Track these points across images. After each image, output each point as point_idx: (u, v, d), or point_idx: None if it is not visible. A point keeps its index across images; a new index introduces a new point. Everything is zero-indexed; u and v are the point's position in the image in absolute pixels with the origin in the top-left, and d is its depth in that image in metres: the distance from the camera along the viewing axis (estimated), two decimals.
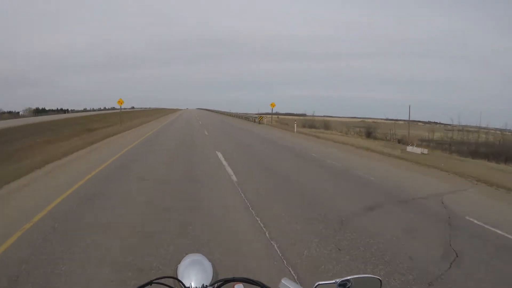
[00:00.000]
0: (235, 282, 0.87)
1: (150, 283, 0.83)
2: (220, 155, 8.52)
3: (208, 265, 0.93)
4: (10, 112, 58.04)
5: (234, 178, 5.98)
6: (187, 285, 0.83)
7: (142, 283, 0.82)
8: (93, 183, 5.50)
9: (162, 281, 0.84)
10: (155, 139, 13.34)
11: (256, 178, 6.20)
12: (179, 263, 0.95)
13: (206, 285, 0.84)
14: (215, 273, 0.92)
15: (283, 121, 32.52)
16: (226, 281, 0.86)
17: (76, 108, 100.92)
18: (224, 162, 7.52)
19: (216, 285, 0.86)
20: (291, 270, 2.61)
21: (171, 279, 0.87)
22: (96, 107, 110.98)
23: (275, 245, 3.07)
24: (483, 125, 21.07)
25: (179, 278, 0.87)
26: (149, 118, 37.53)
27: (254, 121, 29.73)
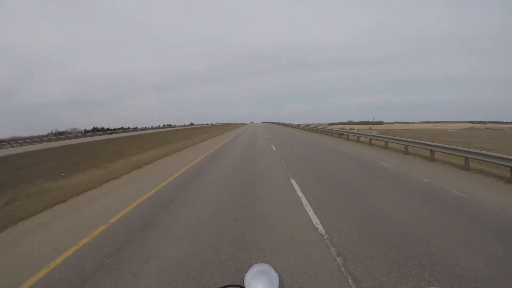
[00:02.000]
0: None
1: None
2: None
3: (274, 276, 0.91)
4: (61, 133, 58.57)
5: None
6: None
7: None
8: None
9: None
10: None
11: None
12: (246, 272, 0.94)
13: None
14: (281, 284, 0.90)
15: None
16: None
17: (138, 126, 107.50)
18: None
19: None
20: None
21: None
22: (155, 125, 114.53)
23: None
24: None
25: (246, 287, 0.88)
26: (208, 135, 30.12)
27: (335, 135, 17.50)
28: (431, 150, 9.97)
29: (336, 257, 3.04)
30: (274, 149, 14.60)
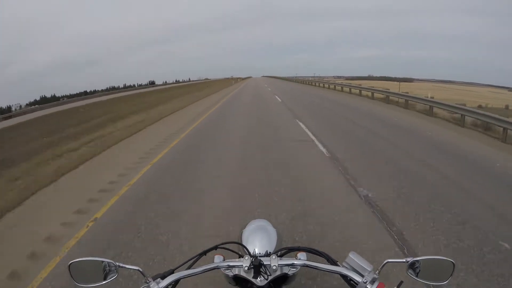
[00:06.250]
0: (298, 251, 0.86)
1: (215, 247, 0.85)
2: None
3: (272, 232, 0.92)
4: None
5: None
6: (251, 251, 0.86)
7: (207, 248, 0.86)
8: None
9: (226, 246, 0.86)
10: None
11: None
12: (244, 228, 0.95)
13: (270, 252, 0.87)
14: (279, 240, 0.91)
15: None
16: (291, 249, 0.86)
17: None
18: None
19: (280, 252, 0.85)
20: None
21: (236, 244, 0.89)
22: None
23: None
24: None
25: (243, 243, 0.88)
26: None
27: None
28: None
29: None
30: None
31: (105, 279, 0.77)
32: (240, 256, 0.84)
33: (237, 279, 0.84)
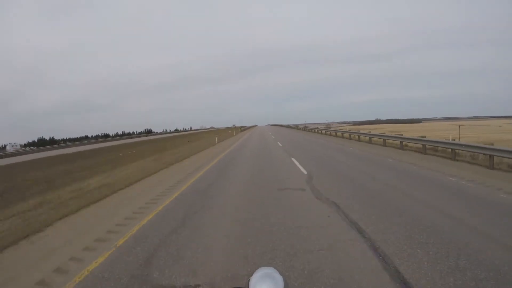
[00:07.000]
0: None
1: None
2: None
3: (279, 279, 0.91)
4: None
5: None
6: None
7: None
8: None
9: None
10: None
11: None
12: (251, 275, 0.95)
13: None
14: (286, 287, 0.90)
15: None
16: None
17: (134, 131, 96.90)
18: None
19: None
20: None
21: None
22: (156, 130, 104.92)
23: None
24: None
25: None
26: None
27: None
28: None
29: None
30: None
31: None
32: None
33: None
